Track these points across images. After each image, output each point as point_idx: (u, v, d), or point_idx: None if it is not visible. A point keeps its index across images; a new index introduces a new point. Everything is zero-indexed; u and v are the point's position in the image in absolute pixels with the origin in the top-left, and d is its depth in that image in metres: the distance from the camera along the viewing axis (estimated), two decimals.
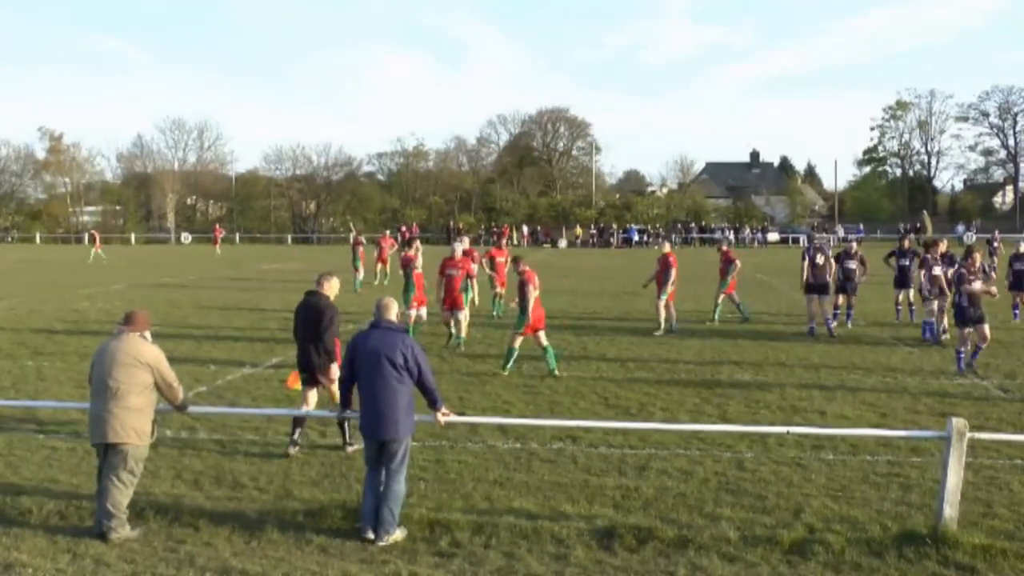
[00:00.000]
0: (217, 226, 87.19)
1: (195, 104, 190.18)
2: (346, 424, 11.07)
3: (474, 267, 21.74)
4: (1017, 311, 24.73)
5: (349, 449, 11.10)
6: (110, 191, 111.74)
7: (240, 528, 8.61)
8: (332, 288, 11.50)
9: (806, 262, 22.44)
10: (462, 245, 21.11)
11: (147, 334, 9.00)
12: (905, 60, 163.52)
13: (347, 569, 7.71)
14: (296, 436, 11.12)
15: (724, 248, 26.35)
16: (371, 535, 8.33)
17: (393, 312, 8.87)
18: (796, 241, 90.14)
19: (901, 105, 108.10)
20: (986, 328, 16.86)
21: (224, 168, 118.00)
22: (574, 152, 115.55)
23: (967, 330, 16.77)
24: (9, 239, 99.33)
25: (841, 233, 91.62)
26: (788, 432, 9.49)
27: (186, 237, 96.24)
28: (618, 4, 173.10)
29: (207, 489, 9.74)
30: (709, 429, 11.59)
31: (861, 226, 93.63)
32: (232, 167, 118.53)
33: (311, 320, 11.24)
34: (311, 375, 11.32)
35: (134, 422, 8.54)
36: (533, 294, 16.28)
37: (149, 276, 42.76)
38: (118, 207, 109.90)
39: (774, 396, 14.70)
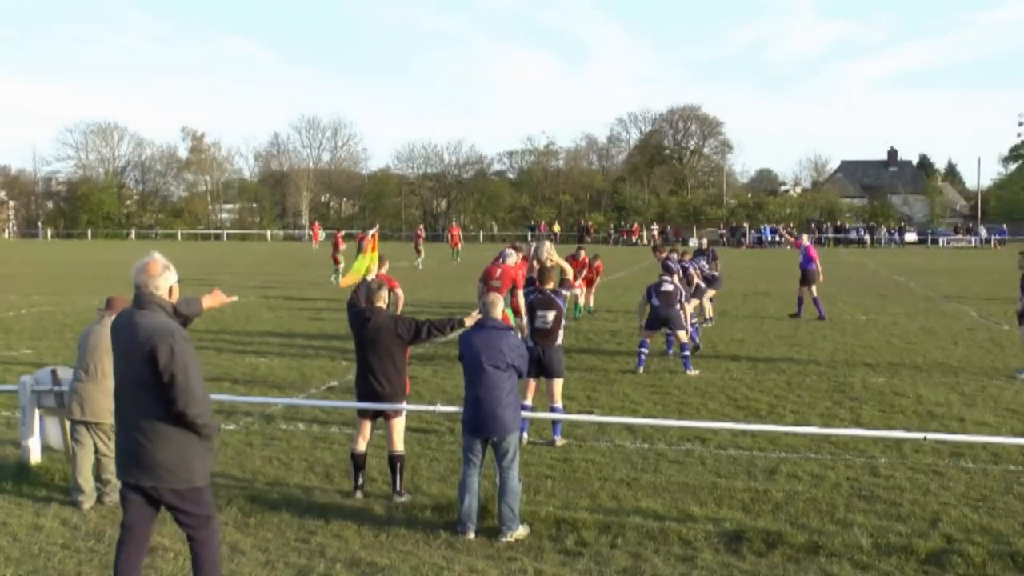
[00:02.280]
0: (316, 223, 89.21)
1: (329, 103, 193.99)
2: (397, 467, 9.60)
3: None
4: None
5: (399, 499, 9.47)
6: (247, 189, 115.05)
7: (369, 521, 8.76)
8: (384, 299, 9.98)
9: None
10: (516, 255, 17.68)
11: None
12: None
13: (473, 564, 7.78)
14: (360, 481, 9.68)
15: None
16: (471, 535, 8.39)
17: (498, 310, 8.93)
18: (936, 242, 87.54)
19: None
20: None
21: (357, 166, 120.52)
22: (705, 151, 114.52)
23: None
24: (153, 236, 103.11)
25: (983, 234, 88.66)
26: (925, 438, 9.24)
27: (323, 234, 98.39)
28: (741, 1, 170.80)
29: (338, 482, 9.94)
30: (841, 433, 11.33)
31: (1005, 227, 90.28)
32: (365, 165, 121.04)
33: (376, 341, 9.58)
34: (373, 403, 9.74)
35: (111, 404, 8.85)
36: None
37: (286, 273, 43.83)
38: (255, 205, 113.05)
39: (910, 401, 14.31)
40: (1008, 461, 10.80)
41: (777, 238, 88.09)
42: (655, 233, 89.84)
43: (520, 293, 17.46)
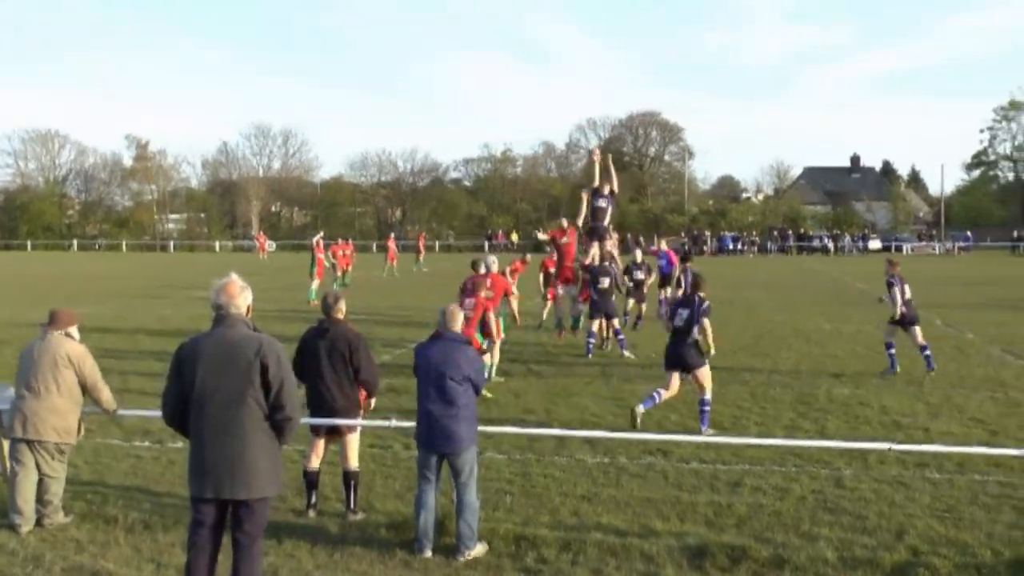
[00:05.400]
0: (261, 233, 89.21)
1: (280, 110, 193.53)
2: (352, 484, 9.59)
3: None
4: None
5: (353, 517, 9.42)
6: (195, 198, 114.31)
7: (323, 540, 8.70)
8: (343, 311, 9.88)
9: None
10: (494, 264, 18.10)
11: (72, 331, 9.28)
12: (1018, 58, 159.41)
13: None
14: (313, 499, 9.63)
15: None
16: (428, 553, 8.36)
17: (457, 322, 8.88)
18: (899, 249, 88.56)
19: (1014, 105, 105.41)
20: None
21: (309, 175, 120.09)
22: (666, 157, 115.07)
23: None
24: (96, 247, 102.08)
25: (949, 244, 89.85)
26: (890, 449, 9.31)
27: (271, 245, 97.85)
28: (705, 4, 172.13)
29: (290, 500, 9.86)
30: (806, 444, 11.41)
31: (969, 233, 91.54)
32: (317, 174, 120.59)
33: (333, 353, 9.51)
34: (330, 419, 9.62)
35: (56, 421, 8.91)
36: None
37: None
38: (203, 214, 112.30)
39: (875, 411, 14.44)
40: (973, 471, 10.92)
41: (740, 246, 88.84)
42: (615, 241, 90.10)
43: (514, 301, 17.79)
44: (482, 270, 17.88)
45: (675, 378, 13.47)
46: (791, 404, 14.96)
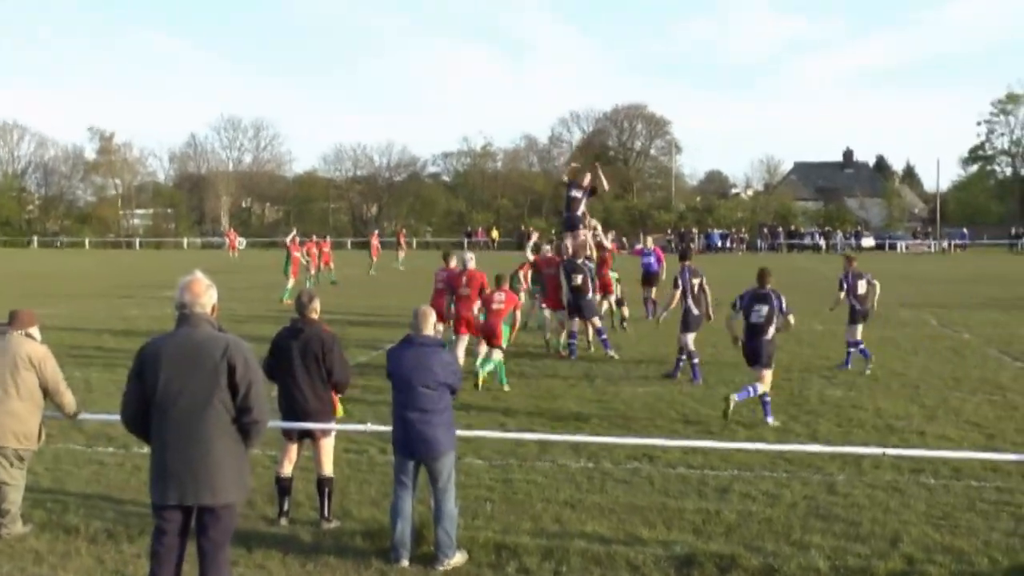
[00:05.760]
0: (231, 229, 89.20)
1: (250, 102, 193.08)
2: (326, 491, 9.60)
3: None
4: None
5: (327, 525, 9.44)
6: (162, 193, 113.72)
7: (295, 550, 8.68)
8: (317, 310, 9.87)
9: (678, 291, 18.21)
10: (471, 260, 18.11)
11: (33, 331, 9.23)
12: (1017, 48, 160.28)
13: None
14: (286, 507, 9.62)
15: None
16: (405, 563, 8.36)
17: (430, 324, 8.84)
18: (894, 247, 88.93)
19: (1012, 98, 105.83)
20: None
21: (281, 169, 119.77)
22: (652, 152, 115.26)
23: None
24: (58, 244, 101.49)
25: (944, 242, 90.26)
26: (884, 454, 9.36)
27: (241, 242, 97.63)
28: None
29: (260, 507, 9.83)
30: (797, 449, 11.43)
31: (965, 231, 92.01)
32: (289, 168, 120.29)
33: (306, 354, 9.52)
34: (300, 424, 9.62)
35: (15, 426, 8.83)
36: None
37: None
38: (170, 210, 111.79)
39: (868, 414, 14.50)
40: (970, 476, 10.97)
41: (729, 244, 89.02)
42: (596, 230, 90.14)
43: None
44: (453, 263, 18.46)
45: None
46: (782, 407, 14.99)
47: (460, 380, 8.89)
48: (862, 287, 18.94)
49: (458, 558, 8.37)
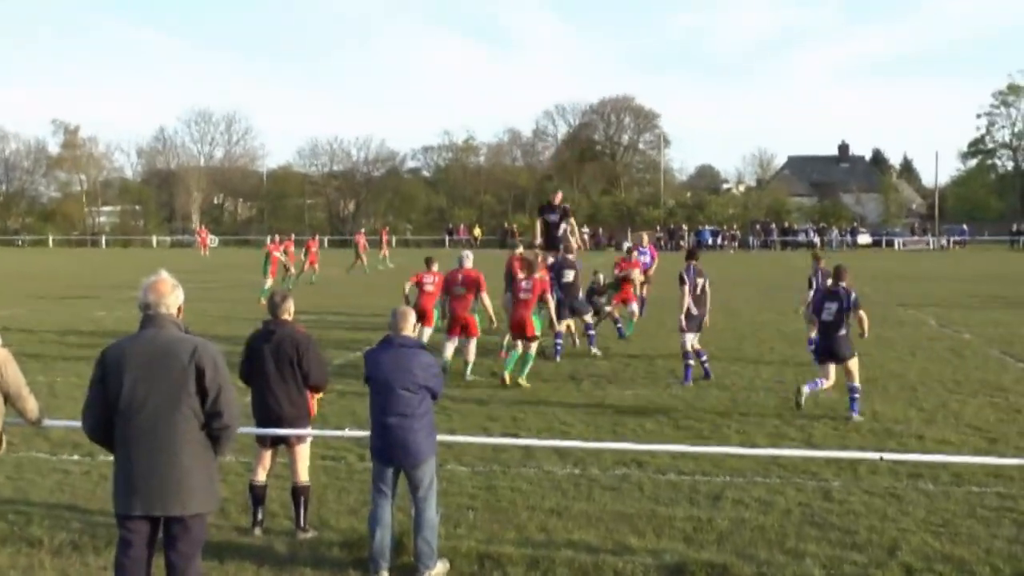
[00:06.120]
0: (203, 228, 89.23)
1: (222, 94, 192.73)
2: (302, 500, 9.55)
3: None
4: None
5: (303, 536, 9.40)
6: (129, 189, 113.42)
7: (270, 561, 8.66)
8: (289, 311, 9.81)
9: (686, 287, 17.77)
10: (468, 259, 18.45)
11: None
12: (1019, 37, 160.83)
13: None
14: (260, 516, 9.57)
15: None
16: (385, 574, 8.34)
17: (410, 324, 8.82)
18: (891, 244, 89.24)
19: (1013, 89, 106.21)
20: None
21: (254, 164, 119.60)
22: (640, 146, 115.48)
23: None
24: (19, 242, 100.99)
25: (943, 239, 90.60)
26: (882, 458, 9.35)
27: (213, 240, 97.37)
28: None
29: (234, 517, 9.80)
30: (791, 454, 11.48)
31: (965, 227, 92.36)
32: (263, 163, 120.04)
33: (279, 357, 9.46)
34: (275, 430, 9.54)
35: None
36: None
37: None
38: (138, 207, 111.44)
39: (865, 418, 14.52)
40: (971, 482, 11.01)
41: (720, 241, 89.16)
42: (586, 236, 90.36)
43: (485, 296, 17.93)
44: (436, 267, 18.99)
45: (831, 369, 14.83)
46: (775, 410, 15.03)
47: (441, 383, 8.85)
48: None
49: (439, 568, 8.36)
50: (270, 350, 9.44)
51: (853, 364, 14.77)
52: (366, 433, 9.04)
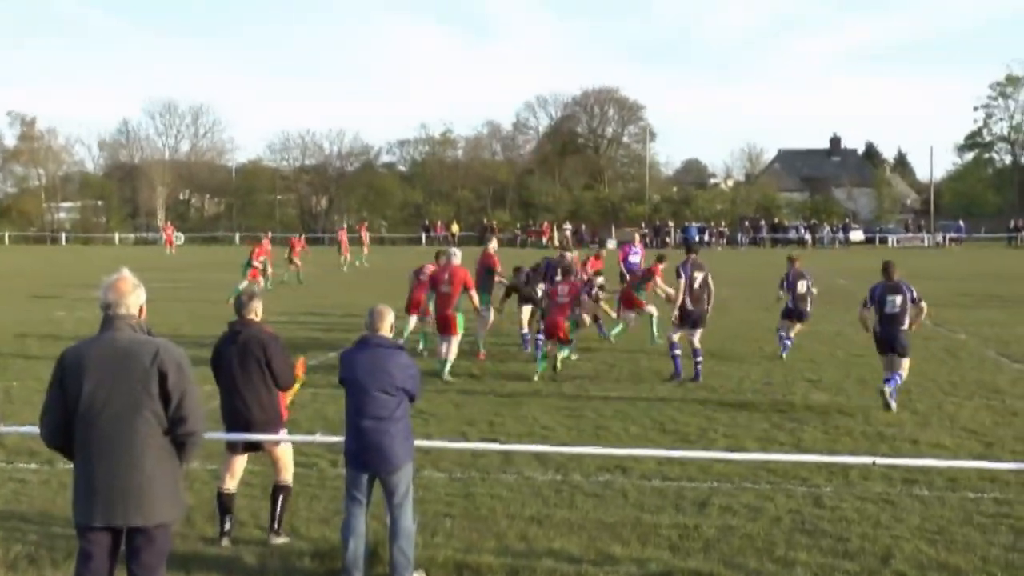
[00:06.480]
0: (168, 224, 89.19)
1: (189, 85, 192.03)
2: (281, 499, 9.68)
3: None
4: None
5: (276, 540, 9.48)
6: (91, 184, 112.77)
7: (238, 572, 8.65)
8: (256, 311, 9.81)
9: (682, 281, 18.21)
10: (457, 254, 18.88)
11: None
12: (1017, 27, 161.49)
13: None
14: (228, 526, 9.54)
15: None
16: None
17: (388, 324, 8.80)
18: (885, 241, 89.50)
19: (1011, 80, 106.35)
20: None
21: (222, 158, 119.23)
22: (624, 139, 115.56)
23: None
24: None
25: (939, 235, 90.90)
26: (874, 463, 9.41)
27: (179, 237, 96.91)
28: None
29: (200, 527, 9.77)
30: (781, 459, 11.51)
31: (961, 223, 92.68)
32: (232, 157, 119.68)
33: (247, 359, 9.48)
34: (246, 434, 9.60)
35: None
36: None
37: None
38: (100, 202, 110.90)
39: (857, 421, 14.58)
40: (966, 488, 11.06)
41: (708, 238, 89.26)
42: (568, 233, 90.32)
43: (474, 294, 18.19)
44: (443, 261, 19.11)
45: (895, 359, 15.54)
46: (764, 413, 15.07)
47: (419, 386, 8.82)
48: (802, 287, 21.05)
49: None
50: (236, 352, 9.42)
51: (906, 362, 15.50)
52: (339, 438, 9.04)
